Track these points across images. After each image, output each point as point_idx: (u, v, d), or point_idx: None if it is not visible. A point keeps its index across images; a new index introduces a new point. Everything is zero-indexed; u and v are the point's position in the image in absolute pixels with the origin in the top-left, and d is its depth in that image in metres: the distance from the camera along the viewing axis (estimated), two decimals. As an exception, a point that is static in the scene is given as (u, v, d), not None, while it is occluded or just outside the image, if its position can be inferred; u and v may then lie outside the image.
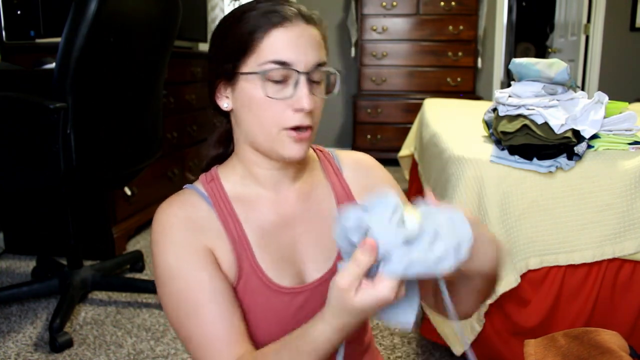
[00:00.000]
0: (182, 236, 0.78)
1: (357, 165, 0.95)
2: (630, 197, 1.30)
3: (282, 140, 0.77)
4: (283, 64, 0.75)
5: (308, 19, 0.79)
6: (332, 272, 0.84)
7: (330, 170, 0.92)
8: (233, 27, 0.79)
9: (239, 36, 0.78)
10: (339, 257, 0.85)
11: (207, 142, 0.92)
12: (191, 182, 0.88)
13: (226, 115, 0.86)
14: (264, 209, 0.84)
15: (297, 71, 0.76)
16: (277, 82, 0.76)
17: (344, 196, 0.90)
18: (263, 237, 0.82)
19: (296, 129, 0.77)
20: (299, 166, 0.87)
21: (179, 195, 0.83)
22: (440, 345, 1.57)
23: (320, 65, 0.78)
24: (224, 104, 0.83)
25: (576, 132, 1.33)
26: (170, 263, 0.77)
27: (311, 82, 0.77)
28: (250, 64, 0.77)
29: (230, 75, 0.80)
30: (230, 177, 0.85)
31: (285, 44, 0.76)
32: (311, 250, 0.85)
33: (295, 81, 0.76)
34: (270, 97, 0.76)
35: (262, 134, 0.78)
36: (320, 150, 0.95)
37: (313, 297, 0.82)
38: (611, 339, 0.82)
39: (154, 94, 1.91)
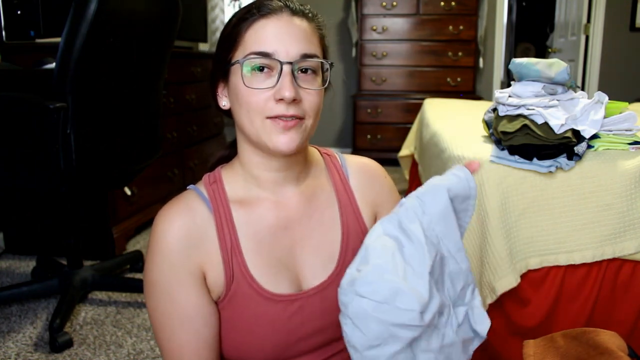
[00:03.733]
0: (177, 256, 0.78)
1: (363, 173, 0.93)
2: (630, 197, 1.30)
3: (267, 130, 0.77)
4: (264, 54, 0.75)
5: (295, 11, 0.79)
6: (331, 279, 0.83)
7: (335, 175, 0.91)
8: (227, 25, 0.81)
9: (228, 31, 0.80)
10: (339, 266, 0.85)
11: (219, 149, 0.94)
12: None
13: (230, 115, 0.86)
14: (264, 212, 0.83)
15: (280, 61, 0.75)
16: (260, 72, 0.76)
17: (348, 205, 0.89)
18: (258, 242, 0.81)
19: (279, 117, 0.76)
20: (302, 168, 0.86)
21: (180, 198, 0.83)
22: (440, 345, 1.57)
23: (307, 56, 0.77)
24: (223, 102, 0.84)
25: (576, 132, 1.33)
26: (160, 279, 0.79)
27: (299, 72, 0.77)
28: (237, 57, 0.78)
29: (223, 71, 0.81)
30: (232, 179, 0.85)
31: (268, 34, 0.76)
32: (309, 256, 0.84)
33: (279, 71, 0.76)
34: (251, 87, 0.76)
35: (249, 124, 0.78)
36: (328, 154, 0.94)
37: (308, 304, 0.82)
38: (610, 339, 0.82)
39: (154, 94, 1.91)
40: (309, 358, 0.85)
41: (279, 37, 0.76)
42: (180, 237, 0.78)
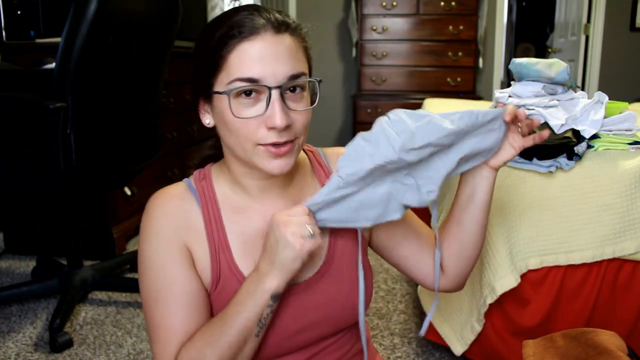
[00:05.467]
0: (167, 233, 0.80)
1: None
2: (630, 197, 1.30)
3: (260, 155, 0.76)
4: (250, 80, 0.72)
5: (279, 28, 0.74)
6: (320, 274, 0.85)
7: (320, 171, 0.92)
8: (205, 43, 0.77)
9: (208, 53, 0.76)
10: (328, 262, 0.85)
11: (207, 143, 0.94)
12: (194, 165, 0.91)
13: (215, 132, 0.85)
14: (251, 215, 0.84)
15: (267, 86, 0.72)
16: (248, 98, 0.74)
17: None
18: (247, 243, 0.82)
19: (272, 145, 0.75)
20: (288, 174, 0.86)
21: (172, 187, 0.85)
22: (440, 345, 1.57)
23: (295, 77, 0.74)
24: (206, 120, 0.82)
25: (576, 132, 1.33)
26: (151, 255, 0.81)
27: (287, 92, 0.75)
28: (221, 83, 0.75)
29: (206, 92, 0.79)
30: (221, 180, 0.86)
31: (252, 58, 0.72)
32: None
33: (267, 97, 0.73)
34: (240, 118, 0.74)
35: (240, 149, 0.77)
36: (311, 151, 0.94)
37: (298, 299, 0.83)
38: (609, 339, 0.82)
39: (153, 94, 1.91)
40: (300, 355, 0.86)
41: (265, 60, 0.72)
42: (171, 217, 0.81)
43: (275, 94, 0.73)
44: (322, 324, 0.86)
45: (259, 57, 0.72)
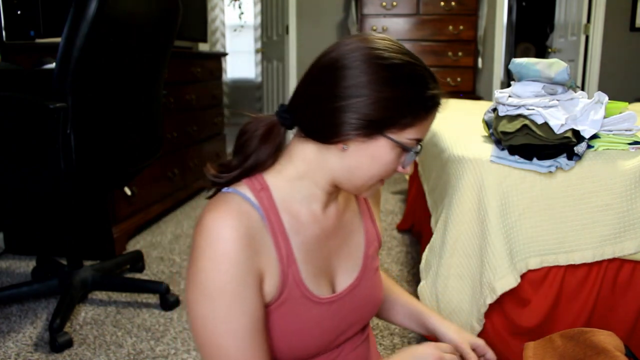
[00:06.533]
0: (241, 256, 0.74)
1: None
2: (630, 197, 1.30)
3: (372, 187, 0.83)
4: (420, 140, 0.81)
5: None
6: (358, 281, 0.91)
7: None
8: (415, 88, 0.77)
9: (415, 102, 0.77)
10: (363, 269, 0.92)
11: (248, 146, 0.84)
12: (213, 175, 0.84)
13: (311, 137, 0.80)
14: (309, 224, 0.84)
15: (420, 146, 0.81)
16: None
17: (366, 211, 0.97)
18: (307, 252, 0.83)
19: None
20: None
21: (228, 202, 0.77)
22: (440, 345, 1.57)
23: None
24: (344, 146, 0.78)
25: (576, 132, 1.33)
26: (228, 286, 0.73)
27: None
28: (400, 133, 0.77)
29: (378, 128, 0.76)
30: (279, 187, 0.82)
31: (429, 126, 0.81)
32: (343, 261, 0.90)
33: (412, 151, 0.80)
34: (400, 170, 0.82)
35: (363, 183, 0.81)
36: None
37: (343, 303, 0.88)
38: (606, 339, 0.82)
39: (154, 94, 1.91)
40: (342, 349, 0.92)
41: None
42: (245, 239, 0.74)
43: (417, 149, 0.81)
44: (357, 324, 0.92)
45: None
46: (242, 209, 0.77)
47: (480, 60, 4.43)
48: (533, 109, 1.34)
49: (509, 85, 1.52)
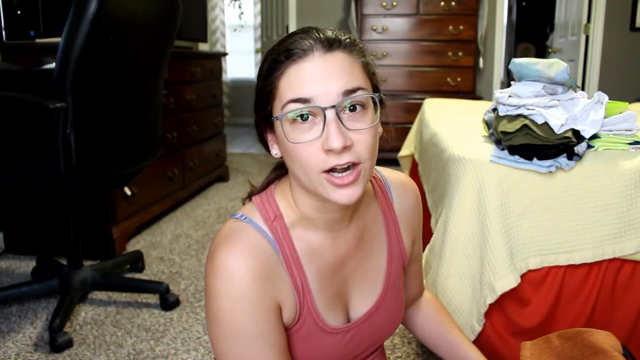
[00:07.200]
0: (257, 294, 0.72)
1: (407, 197, 0.93)
2: (630, 197, 1.30)
3: (324, 184, 0.71)
4: (301, 100, 0.69)
5: (329, 46, 0.71)
6: (377, 305, 0.87)
7: (383, 201, 0.90)
8: (259, 72, 0.75)
9: (262, 81, 0.74)
10: (384, 292, 0.89)
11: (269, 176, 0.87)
12: (255, 190, 0.83)
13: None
14: (324, 252, 0.81)
15: (321, 107, 0.68)
16: (304, 123, 0.70)
17: (393, 231, 0.90)
18: (322, 280, 0.81)
19: (332, 170, 0.70)
20: (357, 204, 0.83)
21: (240, 236, 0.75)
22: (440, 345, 1.57)
23: (350, 92, 0.70)
24: (274, 151, 0.78)
25: (576, 132, 1.33)
26: (241, 319, 0.72)
27: (346, 112, 0.70)
28: (276, 109, 0.72)
29: (267, 122, 0.76)
30: (291, 217, 0.80)
31: (301, 79, 0.69)
32: (358, 285, 0.86)
33: (322, 118, 0.69)
34: (296, 143, 0.70)
35: (305, 177, 0.72)
36: (374, 177, 0.91)
37: (360, 330, 0.86)
38: (604, 339, 0.83)
39: (154, 94, 1.91)
40: None
41: (315, 80, 0.68)
42: (258, 279, 0.73)
43: (330, 113, 0.68)
44: (375, 345, 0.91)
45: (308, 78, 0.69)
46: (255, 243, 0.75)
47: (480, 60, 4.44)
48: (533, 109, 1.34)
49: (509, 85, 1.52)
